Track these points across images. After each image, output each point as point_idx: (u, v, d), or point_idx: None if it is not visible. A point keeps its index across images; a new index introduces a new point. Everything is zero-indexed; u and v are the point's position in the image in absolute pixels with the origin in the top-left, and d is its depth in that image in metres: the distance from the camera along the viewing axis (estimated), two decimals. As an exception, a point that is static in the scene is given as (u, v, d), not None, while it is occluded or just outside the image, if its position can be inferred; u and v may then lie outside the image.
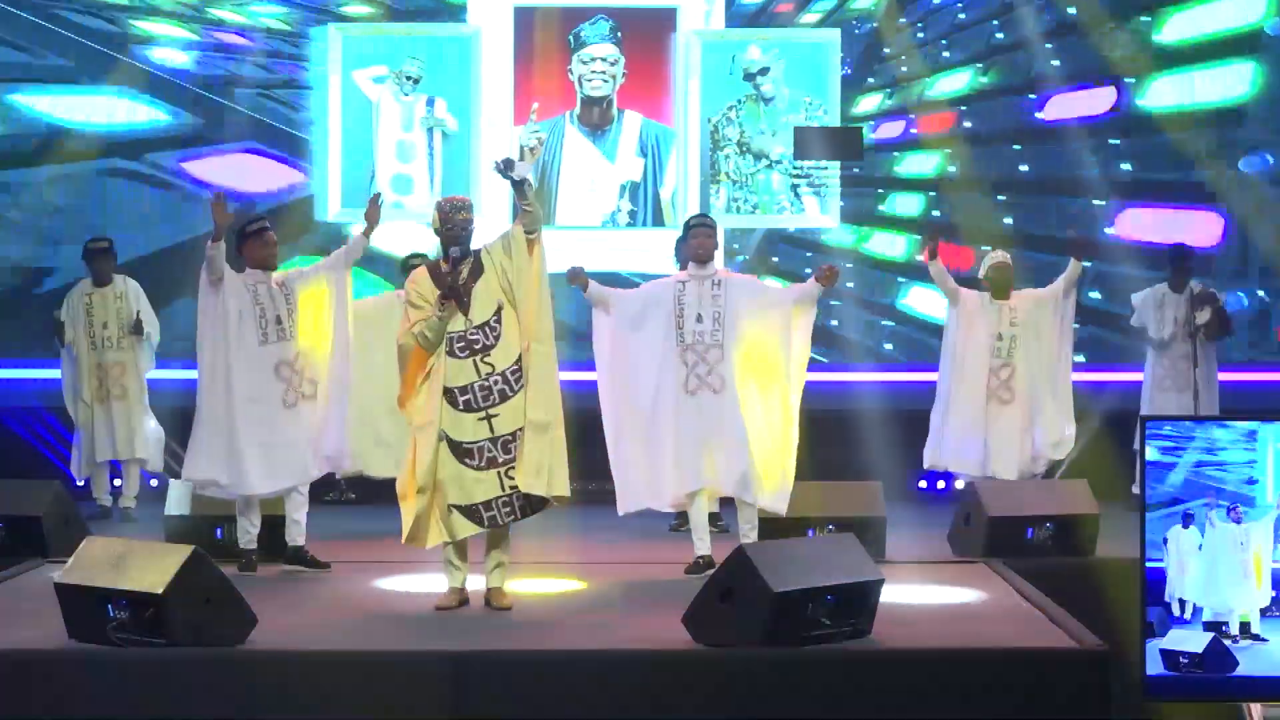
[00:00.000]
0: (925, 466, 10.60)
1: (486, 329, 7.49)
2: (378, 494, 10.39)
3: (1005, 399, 10.27)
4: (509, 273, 7.52)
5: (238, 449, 8.52)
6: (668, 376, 8.51)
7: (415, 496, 7.45)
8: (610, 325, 8.66)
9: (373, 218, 8.83)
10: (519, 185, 7.54)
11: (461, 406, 7.44)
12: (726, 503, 9.28)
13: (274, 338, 8.62)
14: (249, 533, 8.65)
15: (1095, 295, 12.17)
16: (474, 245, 7.64)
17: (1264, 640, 5.84)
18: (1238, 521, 5.86)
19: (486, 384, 7.46)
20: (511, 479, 7.43)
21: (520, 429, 7.45)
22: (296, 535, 8.66)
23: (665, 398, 8.49)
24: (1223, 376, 11.18)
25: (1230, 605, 5.85)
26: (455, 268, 7.53)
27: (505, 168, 7.53)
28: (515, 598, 7.63)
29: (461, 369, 7.47)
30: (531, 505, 7.49)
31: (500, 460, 7.43)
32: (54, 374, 11.14)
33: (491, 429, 7.44)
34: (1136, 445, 10.92)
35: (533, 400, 7.48)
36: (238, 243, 8.74)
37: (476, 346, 7.48)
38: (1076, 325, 10.74)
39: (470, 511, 7.44)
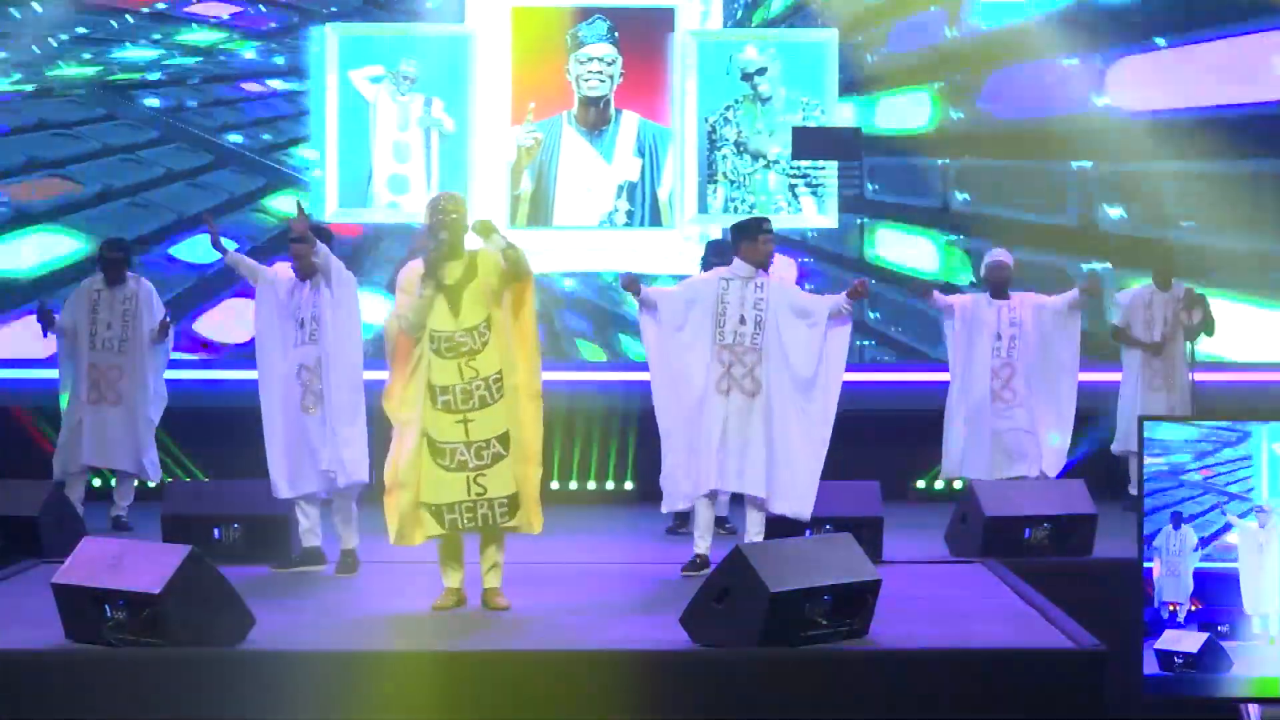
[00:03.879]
0: (942, 478, 10.56)
1: (475, 333, 7.44)
2: (375, 494, 10.38)
3: (1008, 399, 10.25)
4: (496, 288, 7.45)
5: (270, 453, 8.61)
6: (705, 375, 8.50)
7: (399, 492, 7.44)
8: (655, 327, 8.63)
9: (297, 227, 8.36)
10: (503, 255, 7.44)
11: (440, 406, 7.41)
12: (736, 505, 9.29)
13: (299, 341, 8.58)
14: (301, 525, 8.69)
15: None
16: (470, 247, 7.57)
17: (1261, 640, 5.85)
18: (1261, 525, 5.86)
19: (468, 387, 7.42)
20: (480, 485, 7.39)
21: (495, 438, 7.41)
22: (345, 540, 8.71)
23: (701, 396, 8.49)
24: (1225, 377, 11.19)
25: (1253, 607, 5.85)
26: (439, 246, 7.44)
27: (483, 232, 7.45)
28: (513, 597, 7.61)
29: (445, 369, 7.43)
30: (495, 517, 7.42)
31: (471, 465, 7.39)
32: (52, 373, 10.81)
33: (467, 433, 7.40)
34: (1118, 447, 11.00)
35: (525, 449, 7.47)
36: None
37: (463, 349, 7.44)
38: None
39: (435, 511, 7.42)
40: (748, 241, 8.62)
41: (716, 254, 9.83)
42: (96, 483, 11.08)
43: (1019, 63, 12.25)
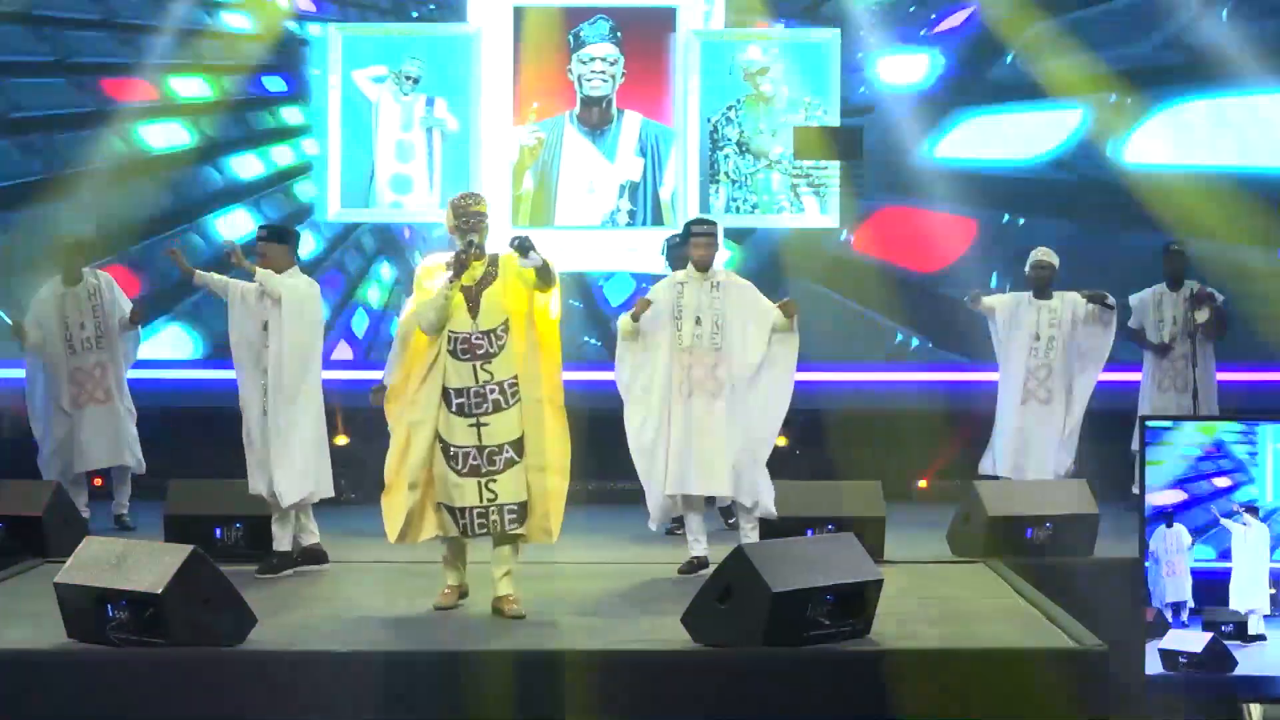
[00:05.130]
0: (980, 474, 10.54)
1: (491, 336, 7.36)
2: (378, 494, 10.37)
3: (1043, 399, 10.25)
4: (517, 293, 7.37)
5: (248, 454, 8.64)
6: (667, 380, 8.49)
7: (406, 493, 7.37)
8: (631, 349, 8.63)
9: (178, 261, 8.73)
10: (538, 271, 7.30)
11: (454, 409, 7.34)
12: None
13: (259, 345, 8.58)
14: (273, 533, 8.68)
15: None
16: (493, 250, 7.47)
17: (1264, 639, 5.85)
18: (1244, 524, 5.87)
19: (482, 391, 7.34)
20: (491, 491, 7.30)
21: (509, 443, 7.33)
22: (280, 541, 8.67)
23: (664, 402, 8.48)
24: (1224, 376, 11.18)
25: (1240, 605, 5.86)
26: (470, 249, 7.33)
27: (521, 251, 7.27)
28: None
29: (460, 371, 7.36)
30: (505, 523, 7.32)
31: (484, 470, 7.31)
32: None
33: (480, 437, 7.32)
34: (1135, 445, 10.99)
35: (544, 459, 7.39)
36: None
37: (479, 352, 7.35)
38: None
39: (452, 513, 7.36)
40: (683, 244, 8.76)
41: (669, 250, 9.94)
42: (96, 482, 11.05)
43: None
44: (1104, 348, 10.34)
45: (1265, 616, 5.88)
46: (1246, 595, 5.84)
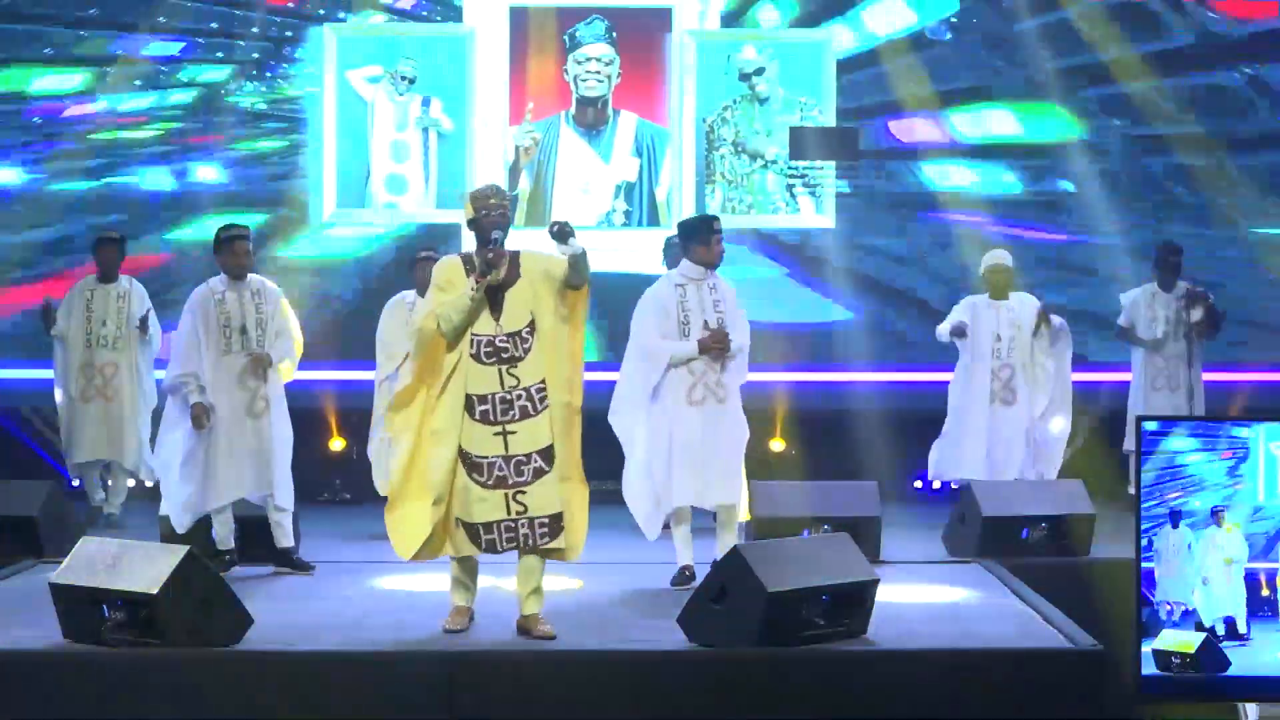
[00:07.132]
0: (930, 477, 10.52)
1: (517, 339, 6.96)
2: (373, 494, 10.38)
3: (1008, 400, 10.24)
4: (542, 293, 7.00)
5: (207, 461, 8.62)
6: (672, 386, 8.23)
7: (430, 508, 6.91)
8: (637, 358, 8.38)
9: None
10: (573, 260, 6.94)
11: (478, 417, 6.92)
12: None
13: (237, 347, 8.59)
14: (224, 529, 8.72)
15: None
16: (510, 248, 7.04)
17: (1251, 640, 5.86)
18: (1219, 525, 5.88)
19: (508, 397, 6.93)
20: (520, 504, 6.91)
21: (537, 452, 6.94)
22: (282, 538, 8.69)
23: (669, 409, 8.24)
24: (1219, 376, 11.20)
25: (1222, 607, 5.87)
26: (497, 246, 6.92)
27: (560, 236, 6.93)
28: (511, 598, 7.54)
29: (485, 376, 6.92)
30: (535, 537, 6.94)
31: (511, 481, 6.88)
32: (48, 373, 10.81)
33: (506, 446, 6.92)
34: (1130, 445, 11.00)
35: (573, 468, 7.04)
36: (214, 247, 8.81)
37: (505, 355, 6.94)
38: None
39: (471, 530, 6.95)
40: (699, 243, 8.28)
41: (667, 250, 9.78)
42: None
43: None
44: (1065, 350, 10.29)
45: (1258, 616, 5.89)
46: (1213, 599, 5.86)
